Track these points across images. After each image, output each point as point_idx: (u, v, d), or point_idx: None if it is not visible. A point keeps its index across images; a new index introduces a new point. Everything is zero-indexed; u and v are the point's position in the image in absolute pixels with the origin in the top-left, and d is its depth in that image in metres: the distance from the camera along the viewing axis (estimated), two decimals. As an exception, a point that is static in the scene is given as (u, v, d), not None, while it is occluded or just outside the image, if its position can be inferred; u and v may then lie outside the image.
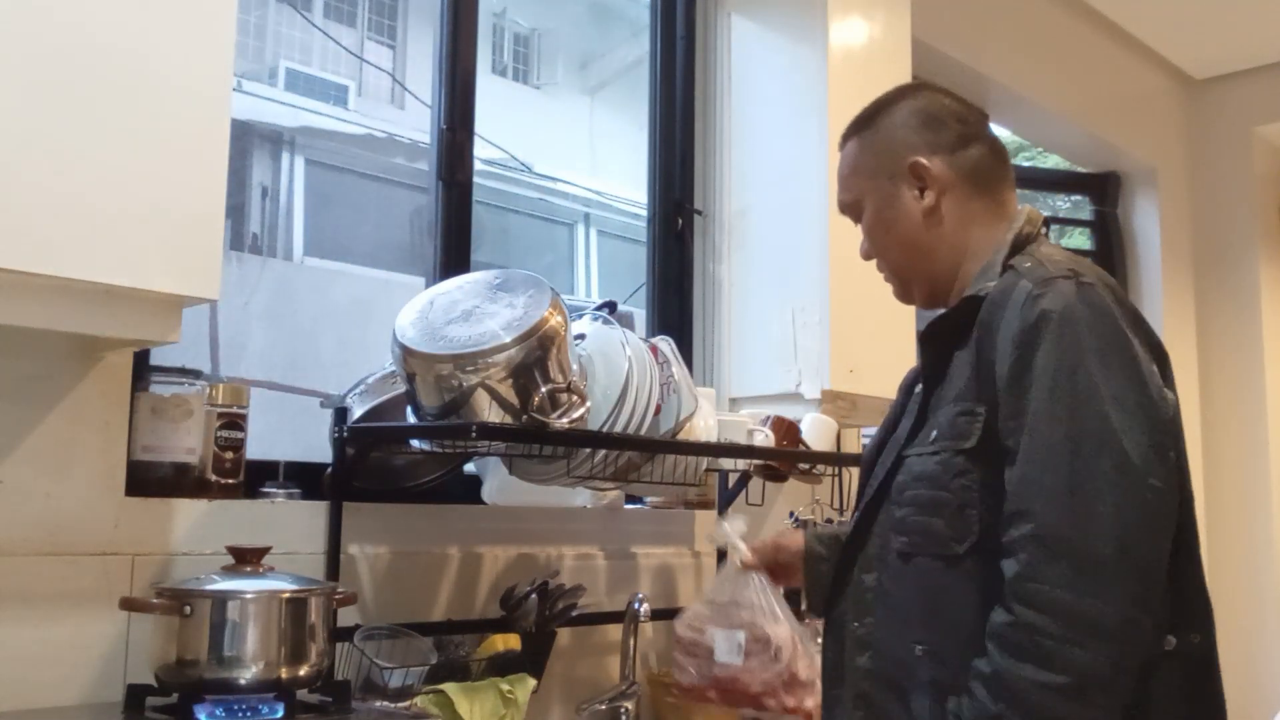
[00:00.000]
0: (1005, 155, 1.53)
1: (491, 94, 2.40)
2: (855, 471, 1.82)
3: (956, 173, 1.47)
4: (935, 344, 1.42)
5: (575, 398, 1.69)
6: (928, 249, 1.48)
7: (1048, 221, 1.49)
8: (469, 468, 2.08)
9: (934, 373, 1.41)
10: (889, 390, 1.59)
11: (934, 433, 1.36)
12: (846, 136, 1.57)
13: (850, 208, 1.55)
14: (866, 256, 1.56)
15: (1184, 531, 1.28)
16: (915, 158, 1.47)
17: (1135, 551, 1.19)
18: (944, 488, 1.32)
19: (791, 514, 2.39)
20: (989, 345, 1.32)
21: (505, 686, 1.78)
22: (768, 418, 2.25)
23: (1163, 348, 1.36)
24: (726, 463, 2.21)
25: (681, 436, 1.94)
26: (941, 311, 1.44)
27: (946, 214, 1.46)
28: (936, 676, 1.30)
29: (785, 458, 2.22)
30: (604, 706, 2.02)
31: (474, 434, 1.62)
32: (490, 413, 1.64)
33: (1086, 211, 4.22)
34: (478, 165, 2.27)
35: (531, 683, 1.84)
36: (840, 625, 1.45)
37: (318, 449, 1.86)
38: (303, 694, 1.52)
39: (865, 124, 1.55)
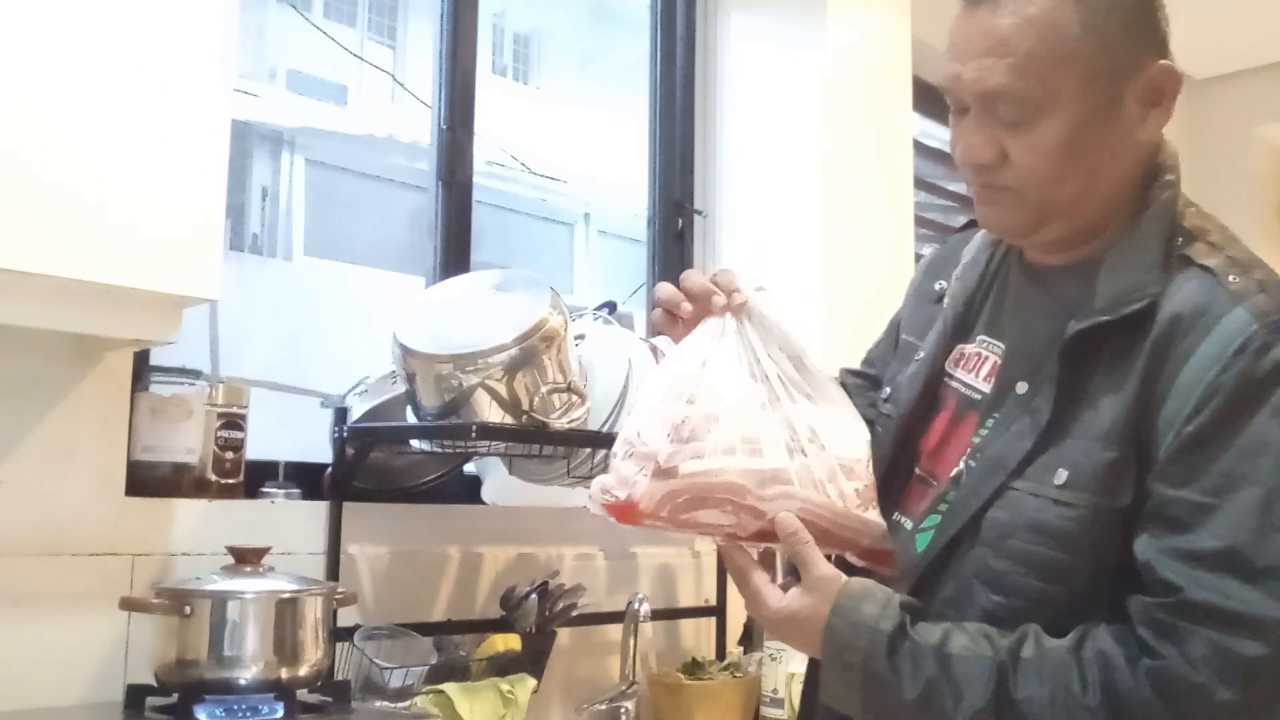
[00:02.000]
0: None
1: (491, 94, 2.40)
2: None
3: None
4: (1083, 351, 1.06)
5: (575, 398, 1.69)
6: (1110, 188, 1.09)
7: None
8: (469, 468, 2.08)
9: (1068, 390, 1.06)
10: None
11: (1064, 473, 1.03)
12: None
13: (1013, 99, 1.05)
14: (991, 161, 1.08)
15: None
16: (1167, 63, 1.09)
17: None
18: (1078, 553, 1.02)
19: (791, 514, 2.38)
20: (1165, 379, 1.01)
21: (505, 686, 1.78)
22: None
23: None
24: (726, 463, 2.21)
25: (681, 436, 1.93)
26: (1092, 311, 1.06)
27: (1151, 149, 1.12)
28: None
29: (785, 458, 2.22)
30: (604, 706, 2.02)
31: (474, 434, 1.62)
32: (490, 413, 1.64)
33: (1086, 211, 4.22)
34: (478, 165, 2.27)
35: (531, 683, 1.84)
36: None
37: (318, 449, 1.86)
38: (303, 694, 1.52)
39: None
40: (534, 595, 1.92)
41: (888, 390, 1.29)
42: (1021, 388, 1.11)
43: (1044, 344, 1.10)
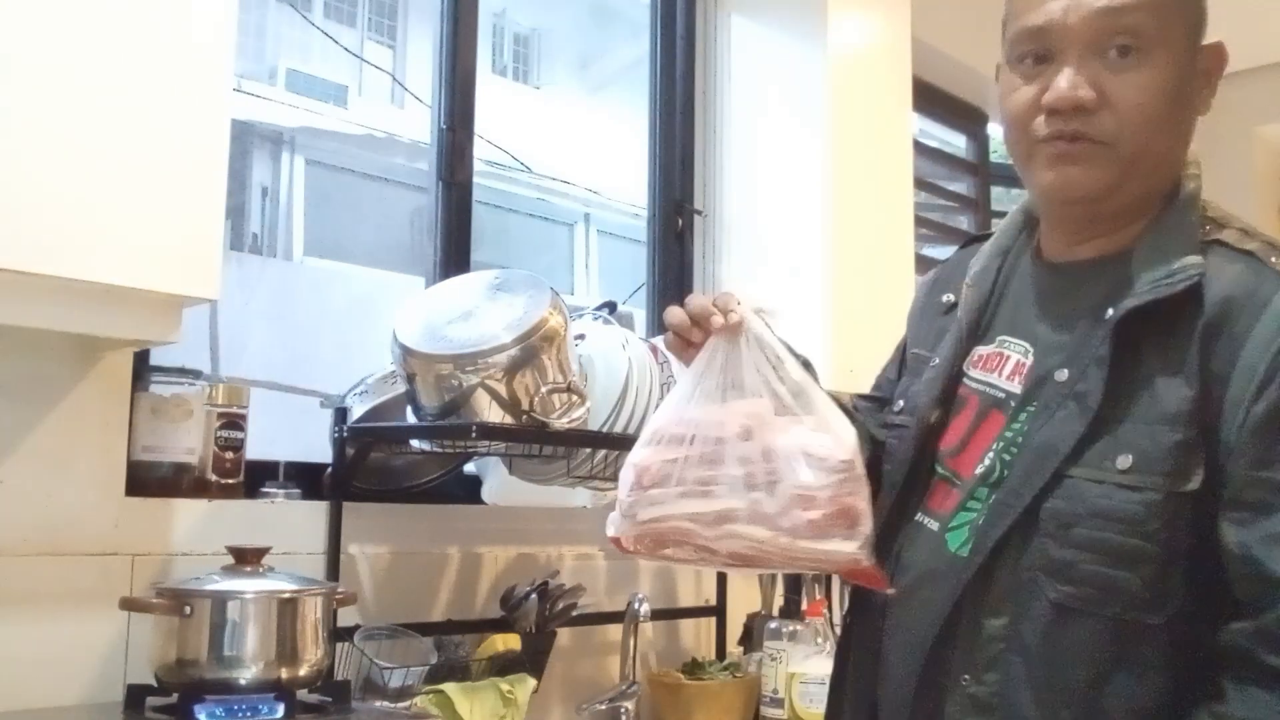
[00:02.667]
0: None
1: (491, 94, 2.40)
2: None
3: None
4: (1129, 333, 1.06)
5: (575, 398, 1.69)
6: (1167, 159, 1.11)
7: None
8: (469, 468, 2.08)
9: (1118, 372, 1.05)
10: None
11: (1128, 458, 1.03)
12: None
13: (1128, 30, 1.06)
14: (1087, 101, 1.06)
15: None
16: (1218, 40, 1.10)
17: None
18: (1149, 537, 1.01)
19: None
20: (1223, 358, 1.02)
21: (505, 686, 1.78)
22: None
23: None
24: (726, 463, 2.21)
25: (681, 436, 1.93)
26: (1138, 291, 1.06)
27: (1193, 126, 1.12)
28: None
29: (785, 458, 2.22)
30: (604, 706, 2.02)
31: (474, 434, 1.62)
32: (490, 413, 1.64)
33: (1086, 211, 4.22)
34: (478, 165, 2.27)
35: (531, 683, 1.84)
36: (941, 674, 1.10)
37: (318, 449, 1.86)
38: (303, 694, 1.52)
39: None
40: (534, 595, 1.92)
41: (900, 403, 1.28)
42: (1061, 375, 1.09)
43: (1083, 333, 1.09)
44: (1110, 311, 1.07)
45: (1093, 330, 1.08)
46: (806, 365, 1.21)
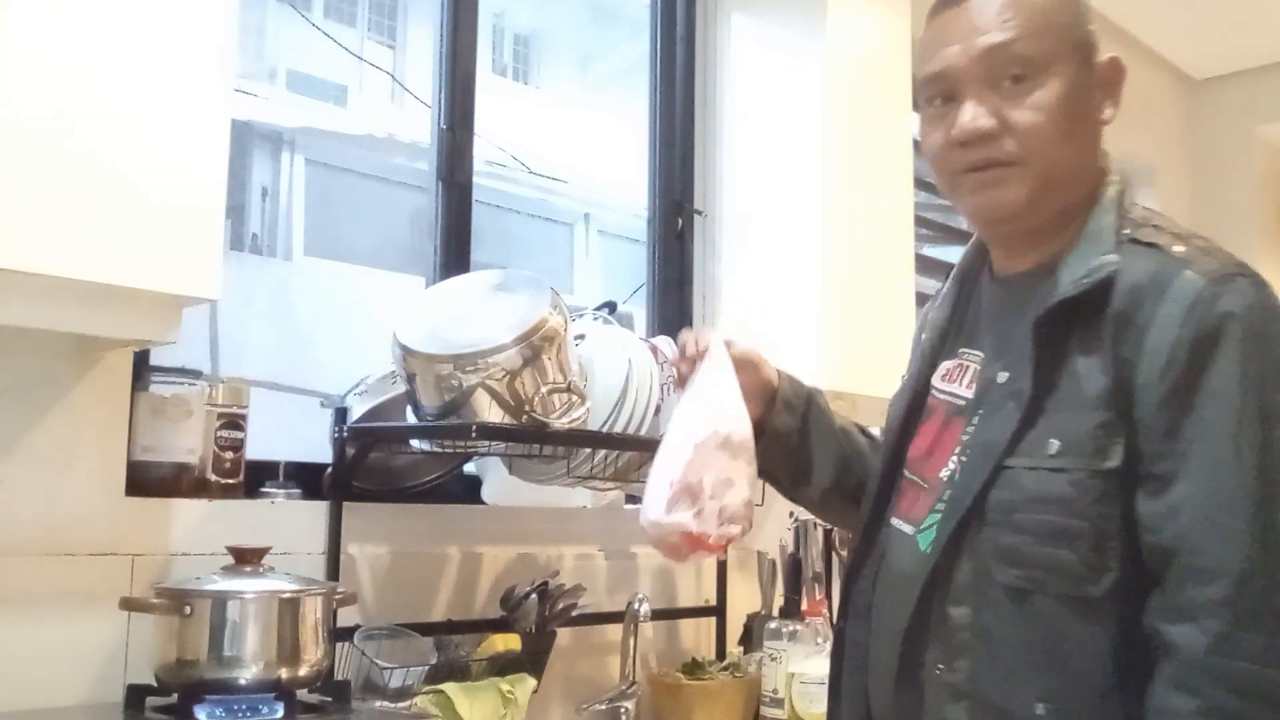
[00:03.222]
0: None
1: (491, 94, 2.40)
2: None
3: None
4: (1050, 331, 1.15)
5: (575, 398, 1.69)
6: (1079, 173, 1.19)
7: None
8: (469, 468, 2.08)
9: (1046, 367, 1.14)
10: (889, 390, 1.49)
11: (1055, 444, 1.11)
12: None
13: (1018, 59, 1.16)
14: (991, 130, 1.16)
15: None
16: (1116, 57, 1.19)
17: None
18: (1079, 515, 1.09)
19: (792, 514, 2.39)
20: (1131, 344, 1.09)
21: (505, 686, 1.78)
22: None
23: None
24: (726, 463, 2.21)
25: (681, 436, 1.93)
26: (1057, 290, 1.15)
27: (1100, 135, 1.22)
28: None
29: (785, 458, 2.22)
30: (604, 706, 2.02)
31: (474, 434, 1.62)
32: (490, 413, 1.64)
33: (1086, 211, 4.22)
34: (478, 165, 2.27)
35: (531, 683, 1.84)
36: (917, 666, 1.18)
37: (318, 449, 1.86)
38: (303, 694, 1.52)
39: None
40: (534, 595, 1.92)
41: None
42: (1002, 377, 1.18)
43: (1020, 338, 1.17)
44: (1038, 307, 1.16)
45: (1025, 333, 1.16)
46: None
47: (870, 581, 1.29)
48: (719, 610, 2.38)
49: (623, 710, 2.03)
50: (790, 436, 1.42)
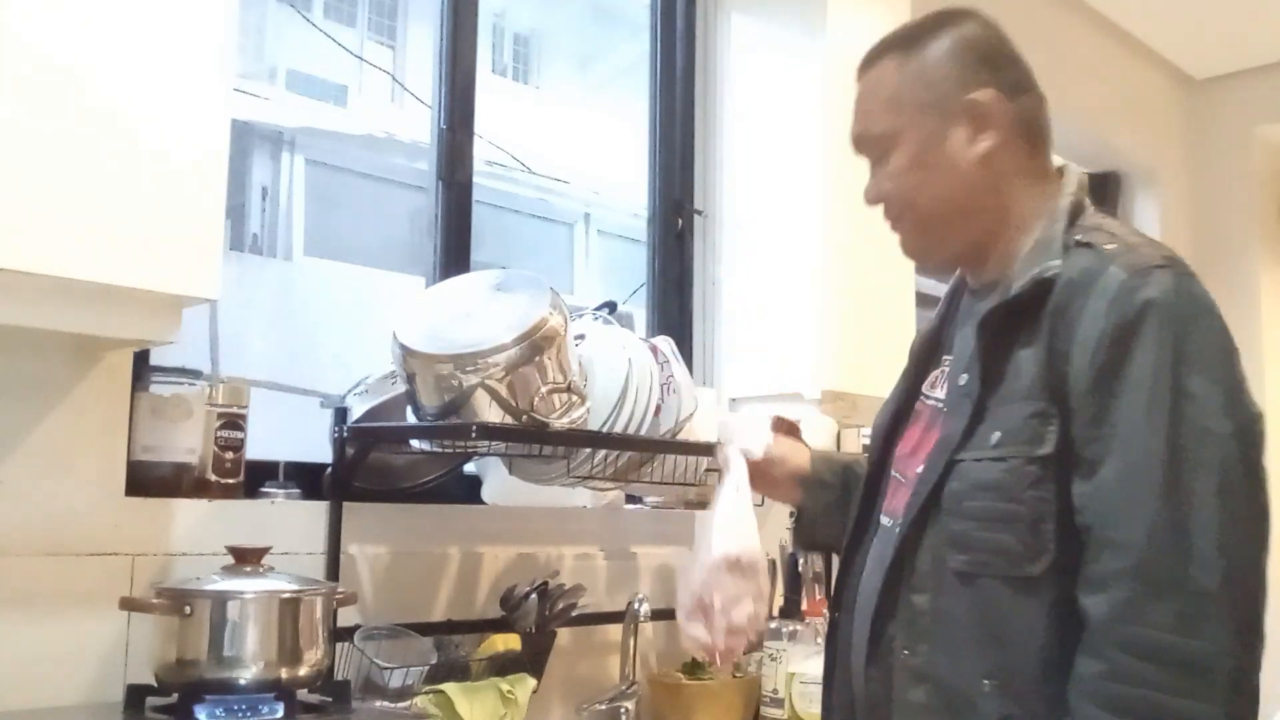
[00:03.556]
0: (1049, 112, 1.37)
1: (491, 94, 2.40)
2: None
3: (1015, 120, 1.29)
4: (995, 332, 1.24)
5: (575, 398, 1.69)
6: (967, 204, 1.29)
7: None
8: (469, 468, 2.08)
9: (992, 366, 1.23)
10: (888, 391, 1.52)
11: (996, 435, 1.20)
12: (878, 58, 1.37)
13: (874, 142, 1.33)
14: (876, 200, 1.35)
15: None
16: (974, 94, 1.28)
17: (1239, 586, 1.08)
18: (1016, 499, 1.17)
19: (792, 514, 2.38)
20: (1064, 336, 1.17)
21: (505, 686, 1.78)
22: (768, 418, 2.24)
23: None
24: (726, 463, 2.21)
25: (681, 436, 1.93)
26: (1000, 295, 1.25)
27: (998, 166, 1.28)
28: (1008, 713, 1.16)
29: (785, 458, 2.22)
30: (604, 706, 2.02)
31: (474, 434, 1.62)
32: (490, 413, 1.64)
33: (1086, 211, 4.22)
34: (478, 165, 2.27)
35: (531, 683, 1.84)
36: (886, 654, 1.26)
37: (318, 449, 1.86)
38: (303, 694, 1.52)
39: (907, 46, 1.34)
40: (534, 595, 1.92)
41: None
42: (962, 379, 1.28)
43: (972, 341, 1.28)
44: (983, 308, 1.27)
45: (973, 336, 1.27)
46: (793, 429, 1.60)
47: (859, 576, 1.37)
48: (719, 610, 2.37)
49: (623, 710, 2.03)
50: (830, 511, 1.55)
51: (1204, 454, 1.10)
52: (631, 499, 2.36)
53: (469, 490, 2.06)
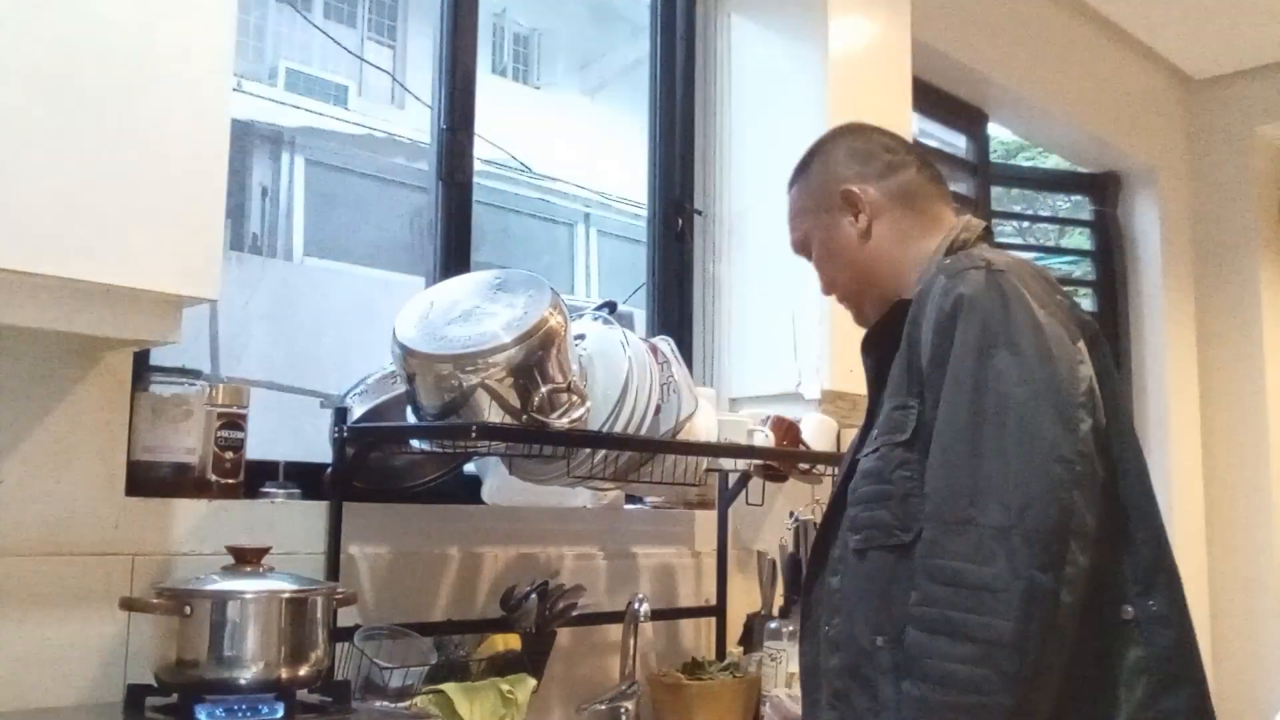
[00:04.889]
0: (938, 175, 1.61)
1: (491, 94, 2.40)
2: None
3: (886, 196, 1.56)
4: (876, 351, 1.50)
5: (575, 398, 1.69)
6: (869, 268, 1.56)
7: (989, 228, 1.57)
8: (469, 468, 2.08)
9: (878, 378, 1.48)
10: None
11: (875, 431, 1.43)
12: (791, 183, 1.66)
13: (800, 246, 1.65)
14: (827, 291, 1.64)
15: (1135, 503, 1.35)
16: (846, 186, 1.57)
17: (1034, 519, 1.24)
18: (886, 480, 1.38)
19: (792, 514, 2.39)
20: (915, 339, 1.39)
21: (505, 686, 1.78)
22: (768, 418, 2.25)
23: (1091, 324, 1.42)
24: (726, 463, 2.21)
25: (681, 436, 1.93)
26: (875, 318, 1.53)
27: (881, 234, 1.55)
28: (897, 661, 1.33)
29: (785, 458, 2.22)
30: (604, 706, 2.02)
31: (474, 434, 1.62)
32: (490, 413, 1.64)
33: (1086, 211, 4.22)
34: (478, 165, 2.27)
35: (531, 683, 1.84)
36: (815, 630, 1.48)
37: (318, 449, 1.86)
38: (303, 694, 1.52)
39: (804, 168, 1.65)
40: (534, 595, 1.92)
41: None
42: (868, 399, 1.53)
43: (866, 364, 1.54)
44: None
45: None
46: None
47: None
48: (719, 610, 2.37)
49: (623, 710, 2.03)
50: None
51: (1000, 415, 1.28)
52: (631, 499, 2.36)
53: (469, 490, 2.06)
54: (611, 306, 2.07)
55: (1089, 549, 1.26)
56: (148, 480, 1.66)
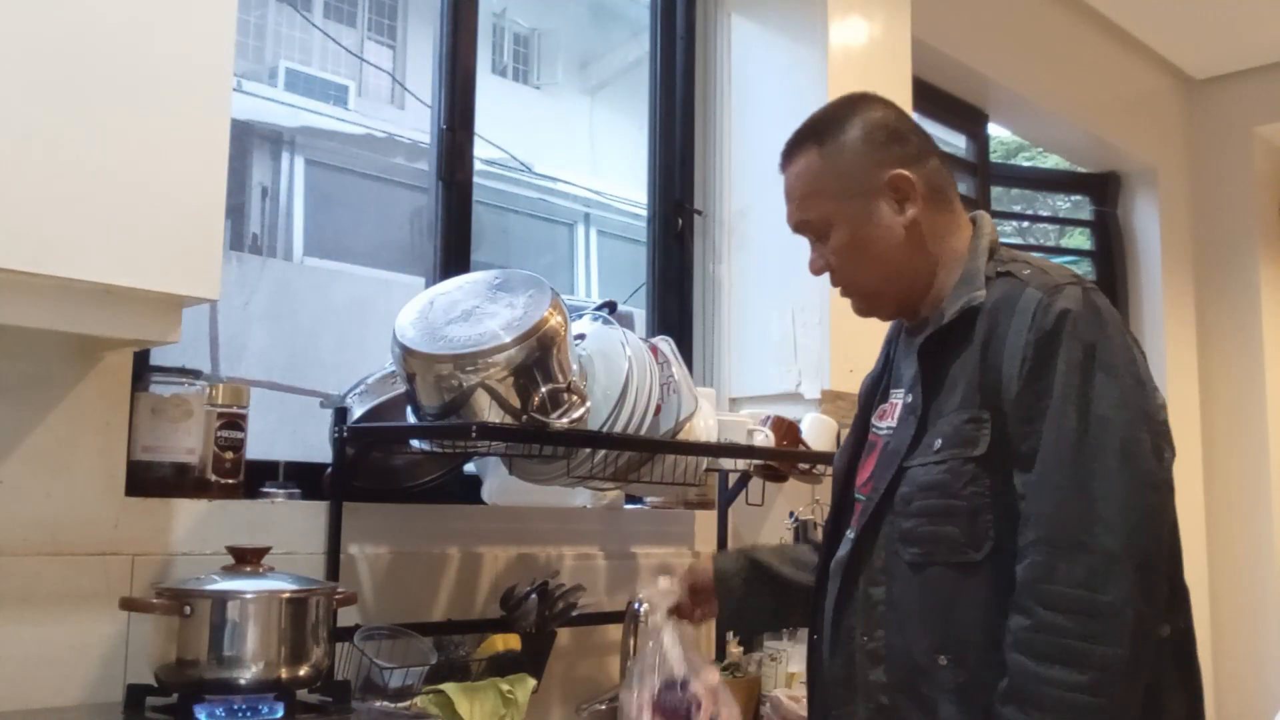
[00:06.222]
0: (949, 165, 1.55)
1: (491, 94, 2.40)
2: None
3: (925, 185, 1.46)
4: (932, 355, 1.43)
5: (575, 398, 1.69)
6: (905, 265, 1.46)
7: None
8: (469, 468, 2.08)
9: (932, 385, 1.42)
10: None
11: (938, 442, 1.37)
12: (797, 149, 1.50)
13: (810, 225, 1.50)
14: (821, 271, 1.52)
15: (1175, 525, 1.35)
16: (897, 171, 1.44)
17: (1140, 546, 1.24)
18: (955, 495, 1.34)
19: (791, 514, 2.39)
20: (995, 352, 1.35)
21: (505, 686, 1.78)
22: (768, 418, 2.25)
23: (1142, 348, 1.41)
24: (726, 463, 2.21)
25: (681, 436, 1.93)
26: (934, 324, 1.43)
27: (921, 228, 1.45)
28: (962, 681, 1.32)
29: (785, 458, 2.22)
30: (604, 706, 2.02)
31: (474, 434, 1.62)
32: (490, 413, 1.64)
33: (1086, 211, 4.22)
34: (478, 165, 2.27)
35: (531, 683, 1.84)
36: (846, 640, 1.43)
37: (318, 449, 1.86)
38: (303, 694, 1.52)
39: (822, 137, 1.48)
40: (534, 595, 1.92)
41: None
42: (908, 400, 1.46)
43: (914, 365, 1.46)
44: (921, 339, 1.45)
45: (914, 360, 1.45)
46: None
47: (827, 587, 1.51)
48: (719, 610, 2.37)
49: (623, 710, 2.03)
50: (741, 610, 1.72)
51: (1105, 438, 1.27)
52: (631, 499, 2.36)
53: (469, 490, 2.06)
54: (611, 306, 2.07)
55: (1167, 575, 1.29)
56: (148, 480, 1.66)
